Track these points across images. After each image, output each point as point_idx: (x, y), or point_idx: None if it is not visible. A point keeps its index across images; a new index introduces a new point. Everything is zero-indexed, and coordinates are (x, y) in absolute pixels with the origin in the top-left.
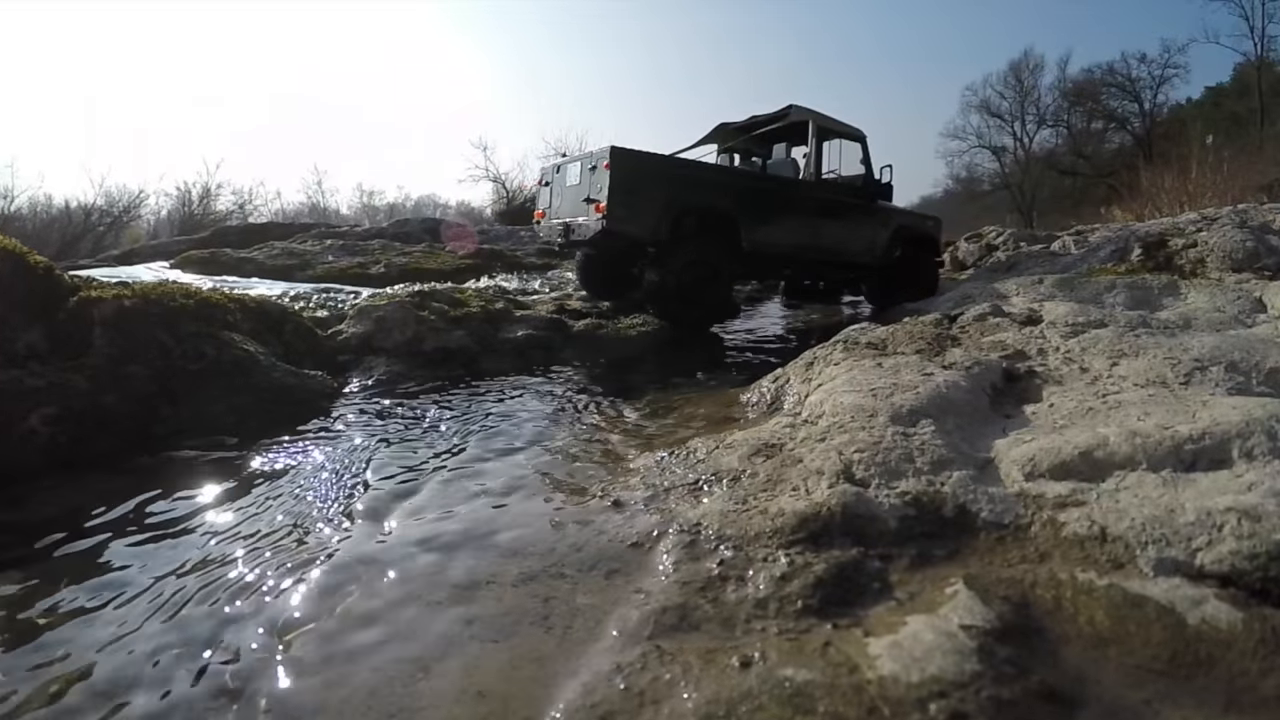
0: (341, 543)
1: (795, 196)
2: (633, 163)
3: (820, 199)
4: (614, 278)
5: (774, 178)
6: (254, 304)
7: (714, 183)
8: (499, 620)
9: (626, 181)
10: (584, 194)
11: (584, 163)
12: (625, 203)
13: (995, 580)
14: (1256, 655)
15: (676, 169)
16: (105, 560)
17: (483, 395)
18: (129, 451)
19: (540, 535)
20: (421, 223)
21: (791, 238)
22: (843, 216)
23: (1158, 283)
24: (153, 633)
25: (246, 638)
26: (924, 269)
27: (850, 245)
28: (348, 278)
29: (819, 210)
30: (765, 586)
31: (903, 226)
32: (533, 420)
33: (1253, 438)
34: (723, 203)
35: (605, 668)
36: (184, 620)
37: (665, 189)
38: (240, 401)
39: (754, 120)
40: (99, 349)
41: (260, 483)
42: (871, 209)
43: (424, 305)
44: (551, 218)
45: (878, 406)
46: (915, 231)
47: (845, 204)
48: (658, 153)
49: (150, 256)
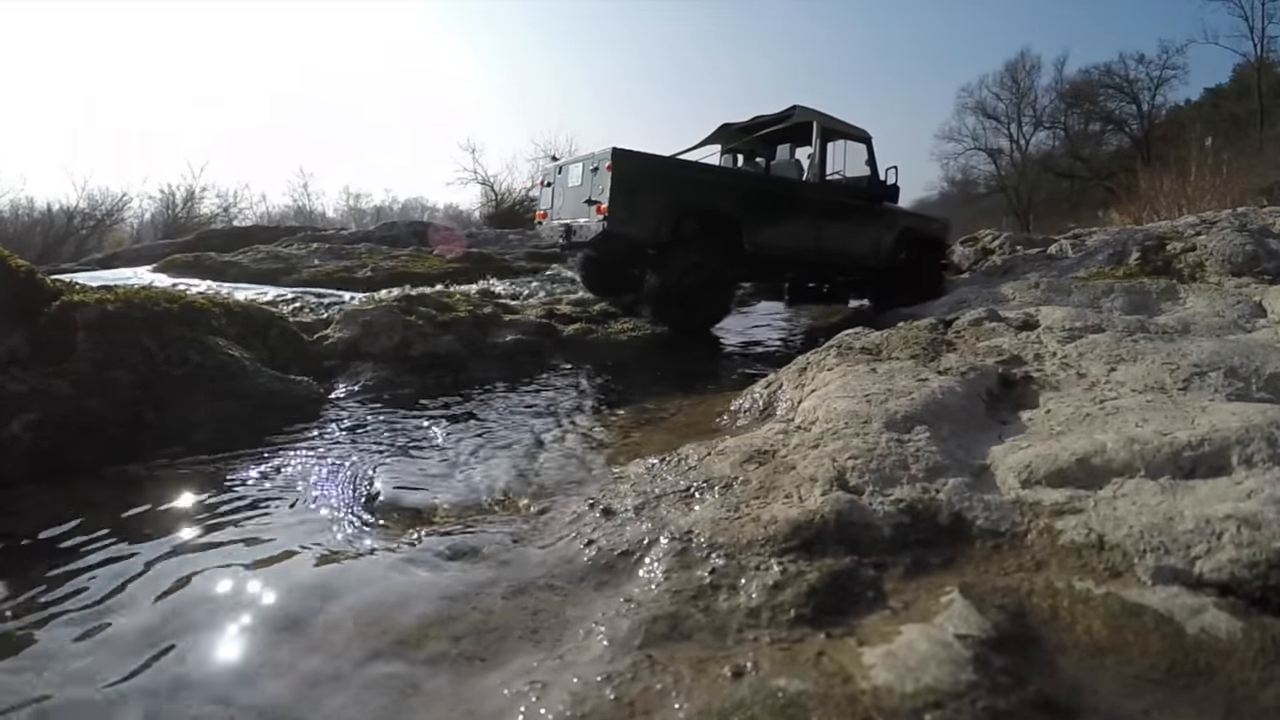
0: (325, 555)
1: (798, 198)
2: (634, 164)
3: (824, 201)
4: (616, 279)
5: (777, 179)
6: (239, 308)
7: (716, 184)
8: (486, 636)
9: (628, 183)
10: (586, 195)
11: (586, 164)
12: (626, 204)
13: (991, 589)
14: (1256, 665)
15: (678, 170)
16: (83, 574)
17: (471, 401)
18: (113, 458)
19: (529, 546)
20: (409, 226)
21: (794, 240)
22: (847, 218)
23: (1156, 287)
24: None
25: (214, 655)
26: (928, 272)
27: (854, 247)
28: (334, 282)
29: (823, 212)
30: (758, 595)
31: (909, 229)
32: (520, 426)
33: (1252, 444)
34: (725, 204)
35: (595, 678)
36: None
37: (666, 190)
38: (225, 408)
39: (758, 121)
40: (82, 354)
41: (245, 492)
42: (877, 211)
43: (411, 310)
44: (553, 218)
45: (872, 413)
46: (921, 233)
47: (849, 206)
48: (660, 154)
49: (134, 260)
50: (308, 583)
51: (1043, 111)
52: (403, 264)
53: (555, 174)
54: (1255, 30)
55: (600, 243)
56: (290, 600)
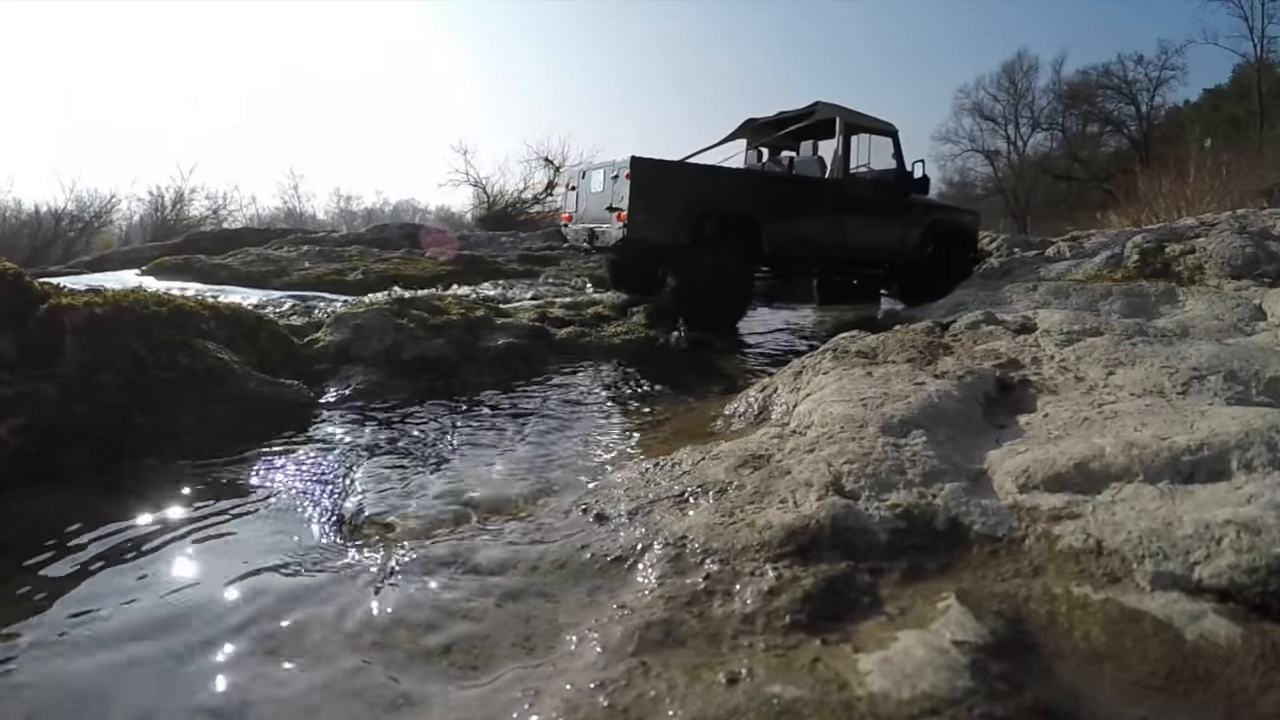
0: (312, 564)
1: (821, 195)
2: (653, 171)
3: (848, 197)
4: (642, 277)
5: (797, 178)
6: (228, 311)
7: (735, 186)
8: (478, 644)
9: (646, 189)
10: (607, 201)
11: (607, 171)
12: (645, 209)
13: (988, 594)
14: (1256, 671)
15: (696, 174)
16: (72, 581)
17: (463, 405)
18: (101, 463)
19: (521, 552)
20: (400, 228)
21: (817, 236)
22: (872, 213)
23: (1155, 290)
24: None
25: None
26: (956, 265)
27: (880, 242)
28: (324, 285)
29: (846, 208)
30: (752, 601)
31: (937, 221)
32: (512, 432)
33: (1252, 449)
34: (744, 206)
35: (589, 685)
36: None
37: (685, 194)
38: (215, 412)
39: (781, 116)
40: (70, 358)
41: (233, 498)
42: (904, 205)
43: (403, 313)
44: (578, 222)
45: (868, 416)
46: (951, 226)
47: (874, 201)
48: (678, 159)
49: (122, 263)
50: (294, 593)
51: (1040, 113)
52: (394, 266)
53: (579, 179)
54: (1255, 30)
55: (622, 247)
56: (276, 610)
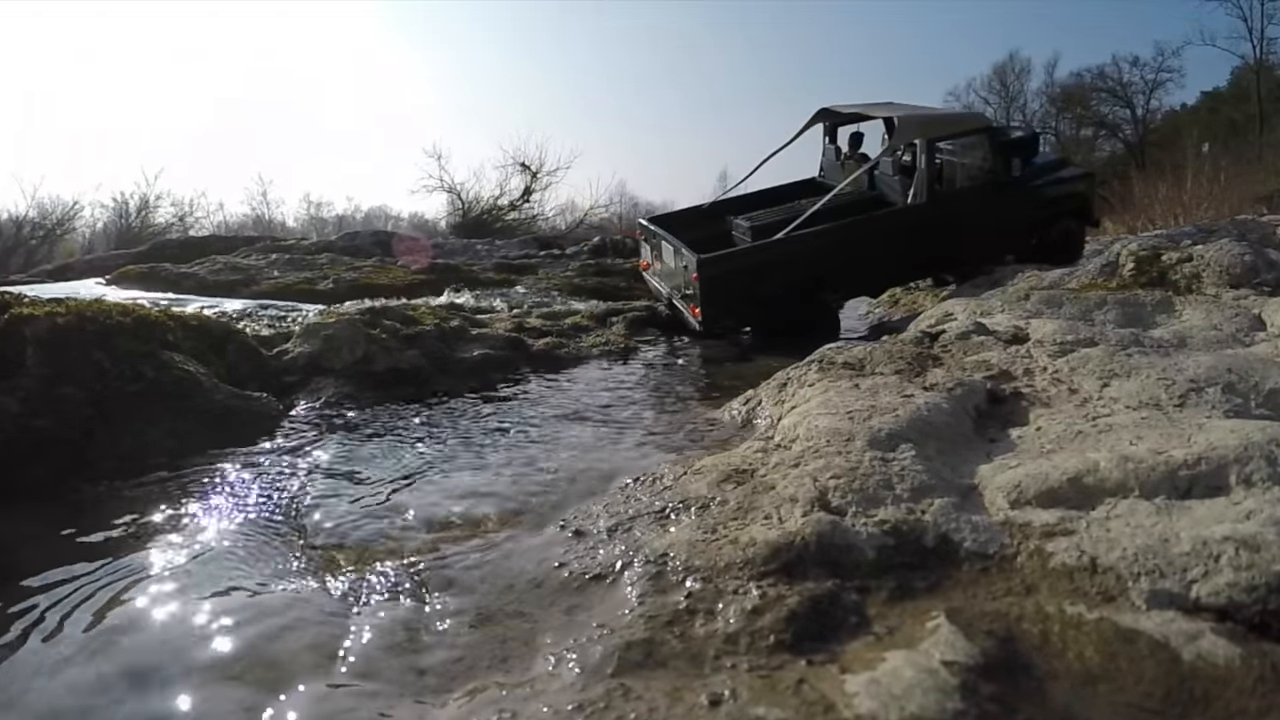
0: (277, 586)
1: (904, 223)
2: (720, 270)
3: (935, 214)
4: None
5: (875, 218)
6: (195, 322)
7: (807, 254)
8: (452, 666)
9: (716, 288)
10: (680, 280)
11: (677, 250)
12: (716, 303)
13: (979, 613)
14: (1255, 693)
15: (763, 254)
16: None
17: (436, 417)
18: (64, 478)
19: (496, 571)
20: (372, 236)
21: (907, 257)
22: (968, 219)
23: (1151, 299)
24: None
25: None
26: (1071, 238)
27: (978, 244)
28: (294, 294)
29: (935, 225)
30: (736, 620)
31: (1051, 200)
32: (485, 445)
33: (1251, 463)
34: (816, 270)
35: (566, 707)
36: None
37: (756, 283)
38: (181, 425)
39: (858, 113)
40: (31, 369)
41: (194, 516)
42: (1003, 200)
43: (375, 323)
44: (654, 277)
45: (855, 430)
46: (1066, 197)
47: (969, 208)
48: (744, 246)
49: (85, 271)
50: (255, 614)
51: (1032, 116)
52: (366, 275)
53: (650, 234)
54: (1254, 31)
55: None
56: (237, 632)
